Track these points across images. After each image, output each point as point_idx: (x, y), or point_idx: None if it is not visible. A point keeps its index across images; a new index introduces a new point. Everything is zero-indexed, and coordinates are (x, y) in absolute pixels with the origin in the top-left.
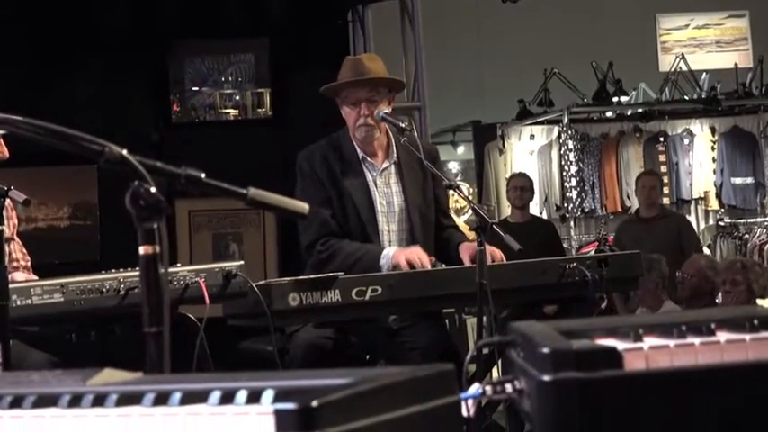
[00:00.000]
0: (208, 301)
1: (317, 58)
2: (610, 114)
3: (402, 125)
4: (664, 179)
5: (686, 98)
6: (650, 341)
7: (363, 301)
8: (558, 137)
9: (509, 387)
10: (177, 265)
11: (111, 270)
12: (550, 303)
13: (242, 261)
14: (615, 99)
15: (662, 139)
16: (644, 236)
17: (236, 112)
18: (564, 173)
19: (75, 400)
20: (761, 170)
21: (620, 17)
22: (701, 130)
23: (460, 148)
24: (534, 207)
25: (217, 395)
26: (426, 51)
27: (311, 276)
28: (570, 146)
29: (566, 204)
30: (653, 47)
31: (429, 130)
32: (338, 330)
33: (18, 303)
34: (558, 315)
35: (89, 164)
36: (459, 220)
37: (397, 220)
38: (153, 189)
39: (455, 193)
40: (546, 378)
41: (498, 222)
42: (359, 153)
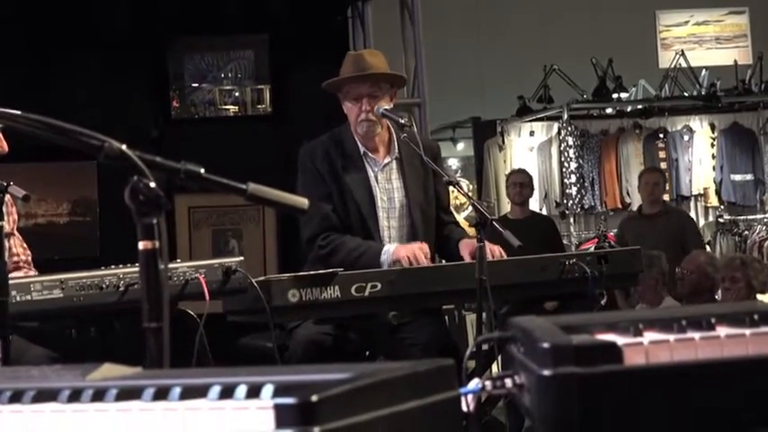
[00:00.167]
0: (207, 297)
1: (316, 55)
2: (609, 111)
3: (402, 121)
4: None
5: (686, 95)
6: (650, 336)
7: (363, 298)
8: (558, 133)
9: (509, 382)
10: (177, 261)
11: (111, 266)
12: (550, 300)
13: (242, 257)
14: (615, 95)
15: (662, 135)
16: (647, 232)
17: (235, 109)
18: (564, 169)
19: (75, 395)
20: (760, 167)
21: (619, 13)
22: (700, 126)
23: (460, 145)
24: (534, 203)
25: (216, 390)
26: (426, 48)
27: (311, 273)
28: (570, 142)
29: (565, 201)
30: (653, 43)
31: (429, 126)
32: (338, 326)
33: (17, 299)
34: (558, 311)
35: (89, 160)
36: (459, 217)
37: (398, 216)
38: (152, 184)
39: (455, 190)
40: (546, 373)
41: (498, 219)
42: (360, 148)
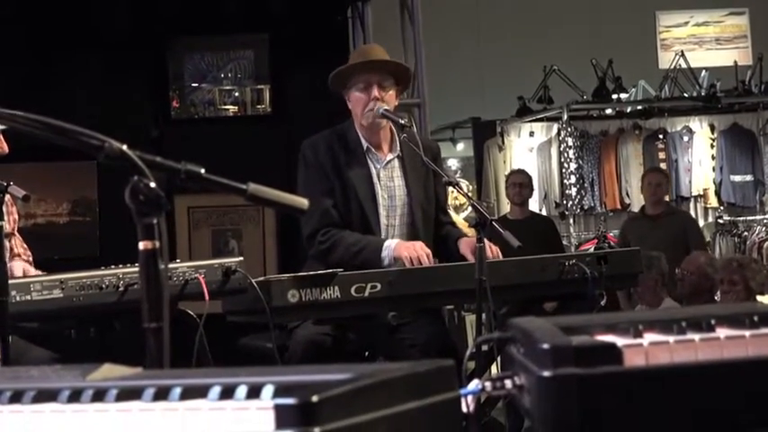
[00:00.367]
0: (207, 297)
1: (316, 55)
2: (609, 111)
3: (402, 122)
4: None
5: (686, 95)
6: (650, 337)
7: (362, 298)
8: (558, 134)
9: (509, 383)
10: (176, 261)
11: (111, 266)
12: (550, 300)
13: (241, 257)
14: (615, 96)
15: (661, 136)
16: (649, 233)
17: (235, 109)
18: (563, 170)
19: (75, 396)
20: (760, 168)
21: (619, 14)
22: (700, 127)
23: (460, 145)
24: (534, 204)
25: (217, 390)
26: (426, 48)
27: (310, 273)
28: (570, 143)
29: (565, 201)
30: (653, 44)
31: (429, 126)
32: (337, 327)
33: (17, 299)
34: (558, 312)
35: (89, 160)
36: (459, 217)
37: (399, 214)
38: (152, 184)
39: (455, 190)
40: (546, 374)
41: (498, 219)
42: (364, 144)
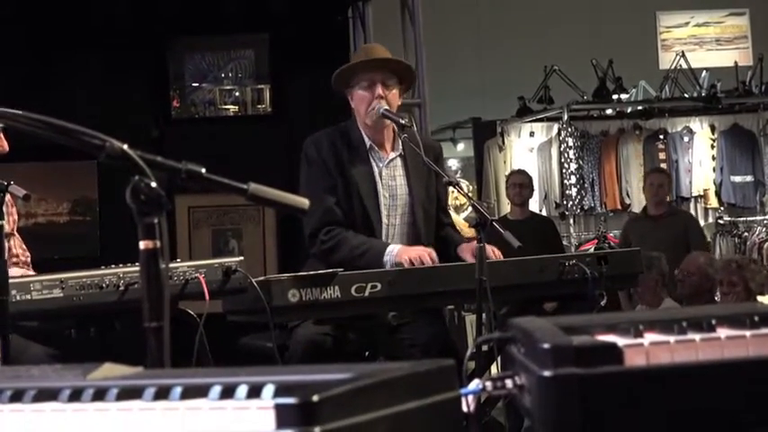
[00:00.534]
0: (207, 296)
1: (316, 55)
2: (610, 112)
3: (402, 122)
4: None
5: (686, 96)
6: (651, 337)
7: (363, 298)
8: (558, 134)
9: (509, 383)
10: (177, 260)
11: (111, 265)
12: (550, 300)
13: (242, 257)
14: (615, 96)
15: (662, 136)
16: (651, 233)
17: (235, 108)
18: (564, 170)
19: (76, 395)
20: (760, 168)
21: (620, 14)
22: (700, 127)
23: (460, 145)
24: (534, 204)
25: (217, 390)
26: (426, 48)
27: (311, 273)
28: (570, 143)
29: (565, 202)
30: (653, 44)
31: (429, 126)
32: (337, 327)
33: (17, 298)
34: (558, 312)
35: (89, 159)
36: (459, 217)
37: (400, 213)
38: (153, 184)
39: (455, 190)
40: (546, 373)
41: (498, 219)
42: (367, 142)
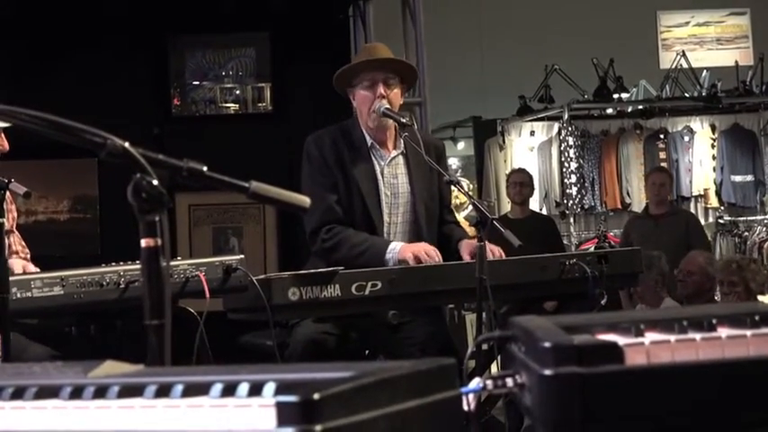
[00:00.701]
0: (208, 294)
1: (317, 53)
2: (610, 111)
3: (403, 120)
4: None
5: (687, 95)
6: (651, 336)
7: (363, 296)
8: (559, 133)
9: (510, 381)
10: (177, 258)
11: (112, 263)
12: (550, 299)
13: (242, 255)
14: (616, 96)
15: (662, 136)
16: (652, 232)
17: (236, 107)
18: (564, 169)
19: (77, 392)
20: (761, 168)
21: (621, 14)
22: (701, 127)
23: (461, 144)
24: (534, 203)
25: (218, 388)
26: (427, 47)
27: (311, 271)
28: (570, 142)
29: (565, 201)
30: (654, 44)
31: (429, 125)
32: (338, 325)
33: (18, 296)
34: (558, 311)
35: (89, 157)
36: (459, 216)
37: (401, 211)
38: (155, 182)
39: (455, 189)
40: (547, 372)
41: (498, 218)
42: (368, 140)
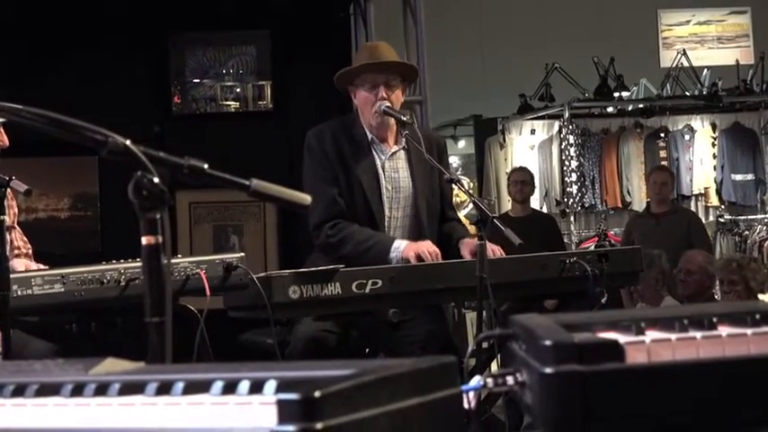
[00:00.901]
0: (208, 292)
1: (318, 51)
2: (611, 110)
3: (404, 118)
4: None
5: (687, 94)
6: (652, 335)
7: (364, 294)
8: (559, 132)
9: (510, 379)
10: (178, 256)
11: (112, 261)
12: (550, 298)
13: (242, 253)
14: (616, 94)
15: (663, 134)
16: (654, 231)
17: (236, 105)
18: (564, 168)
19: (78, 390)
20: (761, 167)
21: (621, 12)
22: (701, 126)
23: (461, 143)
24: (534, 202)
25: (219, 385)
26: (428, 45)
27: (311, 269)
28: (571, 141)
29: (566, 199)
30: (654, 43)
31: (430, 123)
32: (338, 323)
33: (18, 293)
34: (558, 310)
35: (90, 154)
36: (460, 214)
37: (402, 206)
38: (156, 179)
39: (456, 187)
40: (548, 370)
41: (499, 216)
42: (369, 136)
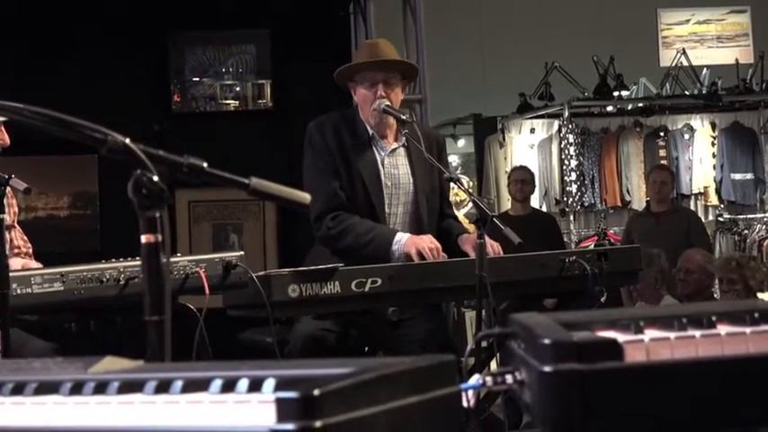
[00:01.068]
0: (208, 291)
1: (318, 50)
2: (610, 109)
3: (403, 117)
4: None
5: (687, 93)
6: (651, 333)
7: (363, 293)
8: (559, 131)
9: (509, 378)
10: (177, 254)
11: (112, 259)
12: (550, 297)
13: (242, 252)
14: (616, 93)
15: (662, 134)
16: (654, 230)
17: (236, 103)
18: (564, 167)
19: (77, 388)
20: (761, 166)
21: (621, 11)
22: (701, 125)
23: (461, 142)
24: (534, 201)
25: (218, 383)
26: (427, 43)
27: (311, 268)
28: (570, 140)
29: (565, 198)
30: (654, 42)
31: (430, 122)
32: (337, 322)
33: (18, 292)
34: (558, 308)
35: (89, 153)
36: (459, 213)
37: (402, 202)
38: (156, 178)
39: (455, 186)
40: (547, 369)
41: (499, 215)
42: (369, 131)
